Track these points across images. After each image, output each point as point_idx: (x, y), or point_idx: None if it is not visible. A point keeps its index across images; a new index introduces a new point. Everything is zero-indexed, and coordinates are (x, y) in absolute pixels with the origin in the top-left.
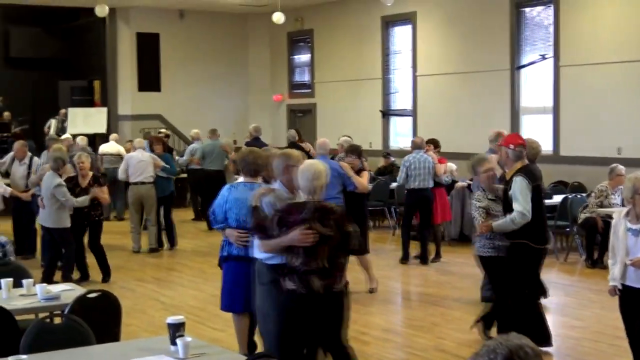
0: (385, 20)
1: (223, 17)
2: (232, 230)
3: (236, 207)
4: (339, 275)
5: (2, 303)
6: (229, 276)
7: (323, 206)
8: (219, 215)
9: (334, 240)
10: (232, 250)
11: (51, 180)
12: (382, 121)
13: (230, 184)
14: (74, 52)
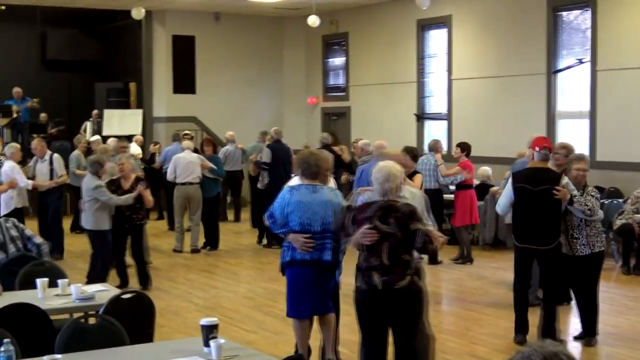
0: (421, 23)
1: (258, 20)
2: (297, 235)
3: (299, 210)
4: (401, 273)
5: (38, 303)
6: (294, 282)
7: (388, 205)
8: (279, 218)
9: (394, 238)
10: (296, 255)
11: (90, 182)
12: (416, 125)
13: (291, 186)
14: (110, 54)
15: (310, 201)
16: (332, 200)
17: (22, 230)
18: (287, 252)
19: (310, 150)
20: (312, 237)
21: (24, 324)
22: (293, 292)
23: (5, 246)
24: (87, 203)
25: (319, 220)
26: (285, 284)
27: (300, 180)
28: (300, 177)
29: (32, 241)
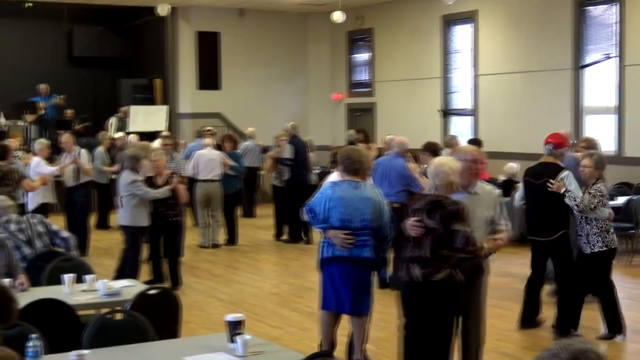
0: (446, 19)
1: (283, 15)
2: (337, 231)
3: (340, 206)
4: (439, 266)
5: (65, 298)
6: (333, 278)
7: (437, 200)
8: (319, 214)
9: (436, 233)
10: (335, 251)
11: (126, 177)
12: (441, 121)
13: (333, 182)
14: (135, 51)
15: (352, 197)
16: (373, 198)
17: (48, 225)
18: (327, 248)
19: (352, 147)
20: (352, 233)
21: (51, 320)
22: (330, 288)
23: (32, 242)
24: (124, 199)
25: (360, 216)
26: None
27: (340, 176)
28: (341, 173)
29: (58, 235)
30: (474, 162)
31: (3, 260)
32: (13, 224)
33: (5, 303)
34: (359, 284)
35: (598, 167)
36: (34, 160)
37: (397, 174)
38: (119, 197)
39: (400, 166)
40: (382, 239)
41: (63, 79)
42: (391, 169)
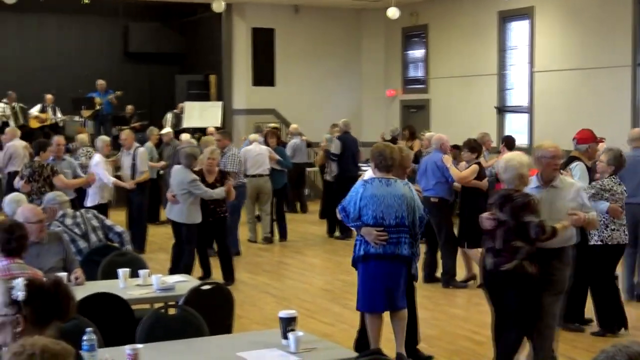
0: (502, 15)
1: (338, 12)
2: (370, 228)
3: (373, 203)
4: (510, 257)
5: (119, 292)
6: (369, 276)
7: (508, 194)
8: (352, 212)
9: (507, 225)
10: (370, 248)
11: (184, 175)
12: (497, 117)
13: (364, 180)
14: (191, 47)
15: (385, 195)
16: (406, 194)
17: (102, 220)
18: (361, 246)
19: (385, 143)
20: (386, 230)
21: (106, 314)
22: (367, 286)
23: (87, 236)
24: (181, 196)
25: (393, 214)
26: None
27: (373, 173)
28: (373, 169)
29: (113, 230)
30: (554, 158)
31: (60, 254)
32: (69, 218)
33: (63, 299)
34: (394, 280)
35: (610, 164)
36: (95, 157)
37: (433, 167)
38: (170, 192)
39: (436, 159)
40: (414, 235)
41: (119, 75)
42: (429, 164)
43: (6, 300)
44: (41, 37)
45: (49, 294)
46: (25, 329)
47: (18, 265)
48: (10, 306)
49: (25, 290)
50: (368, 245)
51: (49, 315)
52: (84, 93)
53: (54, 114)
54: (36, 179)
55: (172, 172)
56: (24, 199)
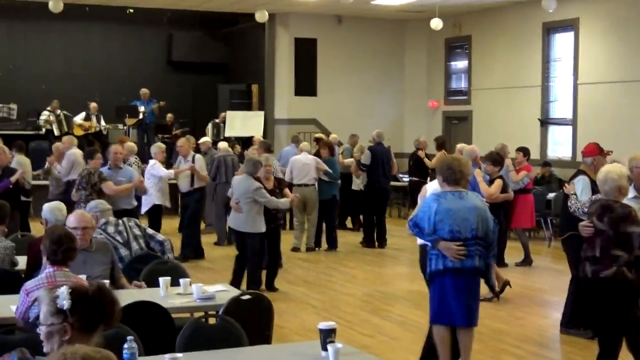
0: (547, 26)
1: (380, 22)
2: (449, 243)
3: (449, 218)
4: (608, 264)
5: (160, 301)
6: (447, 290)
7: (607, 205)
8: (427, 227)
9: (606, 235)
10: (448, 263)
11: (249, 183)
12: (540, 130)
13: (436, 194)
14: (234, 57)
15: (459, 208)
16: (478, 206)
17: (144, 229)
18: (438, 260)
19: (452, 156)
20: (463, 244)
21: (146, 322)
22: (444, 300)
23: (129, 244)
24: (245, 205)
25: (469, 227)
26: (406, 289)
27: (441, 187)
28: (441, 183)
29: (154, 239)
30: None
31: (107, 263)
32: (111, 226)
33: (108, 305)
34: (472, 294)
35: None
36: (150, 162)
37: None
38: (234, 201)
39: None
40: (487, 246)
41: (162, 84)
42: None
43: (52, 310)
44: (86, 46)
45: (93, 301)
46: (73, 337)
47: (63, 273)
48: (56, 315)
49: (70, 299)
50: (446, 260)
51: (95, 321)
52: (127, 101)
53: (98, 122)
54: (84, 186)
55: (235, 180)
56: (63, 207)
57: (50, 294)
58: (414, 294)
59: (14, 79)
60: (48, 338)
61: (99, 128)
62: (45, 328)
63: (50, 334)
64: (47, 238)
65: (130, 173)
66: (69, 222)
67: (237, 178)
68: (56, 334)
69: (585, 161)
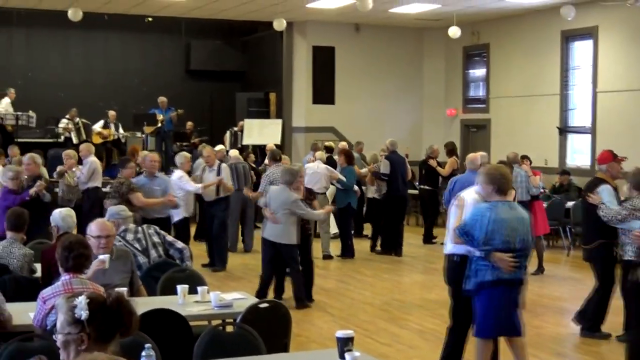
0: (565, 34)
1: (399, 31)
2: (502, 254)
3: (502, 228)
4: None
5: (178, 309)
6: (498, 302)
7: None
8: (478, 236)
9: None
10: (502, 274)
11: (286, 194)
12: (558, 138)
13: (489, 203)
14: (252, 65)
15: (511, 218)
16: (525, 217)
17: (163, 236)
18: (489, 271)
19: (497, 165)
20: (513, 255)
21: (164, 330)
22: (496, 312)
23: (148, 251)
24: (282, 216)
25: (518, 237)
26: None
27: (488, 197)
28: (492, 192)
29: (174, 246)
30: None
31: (127, 272)
32: (130, 234)
33: (126, 315)
34: (517, 304)
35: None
36: (176, 173)
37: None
38: (270, 211)
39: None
40: (527, 257)
41: (180, 92)
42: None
43: (69, 319)
44: (105, 54)
45: (111, 311)
46: (89, 347)
47: (79, 280)
48: (73, 325)
49: (88, 309)
50: (499, 271)
51: (112, 332)
52: (145, 109)
53: (116, 130)
54: (114, 195)
55: (272, 191)
56: (73, 214)
57: (68, 303)
58: (431, 303)
59: (33, 87)
60: (65, 347)
61: (117, 136)
62: (62, 337)
63: (67, 343)
64: (59, 246)
65: (166, 182)
66: (90, 231)
67: (274, 188)
68: (73, 343)
69: (601, 168)
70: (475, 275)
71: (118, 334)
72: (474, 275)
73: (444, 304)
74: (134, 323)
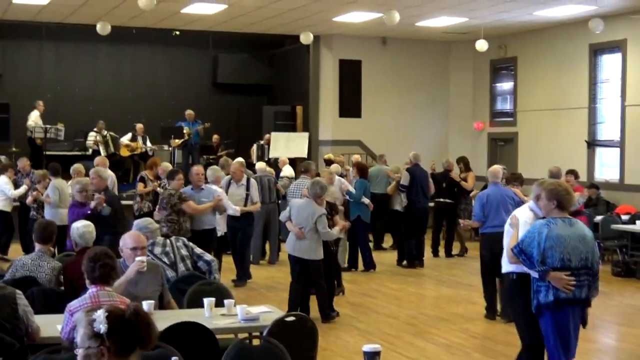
0: (593, 47)
1: (426, 44)
2: (559, 273)
3: (559, 245)
4: None
5: (204, 322)
6: (562, 323)
7: None
8: (535, 255)
9: None
10: (560, 294)
11: (312, 208)
12: (587, 152)
13: (547, 220)
14: (278, 78)
15: (570, 235)
16: (587, 234)
17: (192, 248)
18: (548, 291)
19: (560, 181)
20: (572, 273)
21: (191, 343)
22: (562, 335)
23: (176, 265)
24: (309, 231)
25: (578, 255)
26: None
27: (547, 212)
28: (552, 209)
29: (202, 259)
30: None
31: (158, 286)
32: (158, 247)
33: (144, 328)
34: (578, 326)
35: None
36: (212, 187)
37: (512, 202)
38: (296, 226)
39: (511, 194)
40: (594, 275)
41: (207, 105)
42: (504, 199)
43: (89, 333)
44: (133, 68)
45: (129, 324)
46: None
47: (106, 292)
48: (93, 339)
49: (107, 323)
50: (557, 291)
51: (131, 344)
52: (173, 123)
53: (144, 142)
54: (164, 207)
55: (298, 204)
56: (93, 229)
57: (87, 317)
58: (458, 317)
59: (62, 100)
60: None
61: (145, 149)
62: (83, 351)
63: (87, 357)
64: (85, 258)
65: (213, 193)
66: (125, 244)
67: (298, 202)
68: (93, 357)
69: None
70: (535, 297)
71: (137, 346)
72: (534, 296)
73: (470, 318)
74: (152, 335)
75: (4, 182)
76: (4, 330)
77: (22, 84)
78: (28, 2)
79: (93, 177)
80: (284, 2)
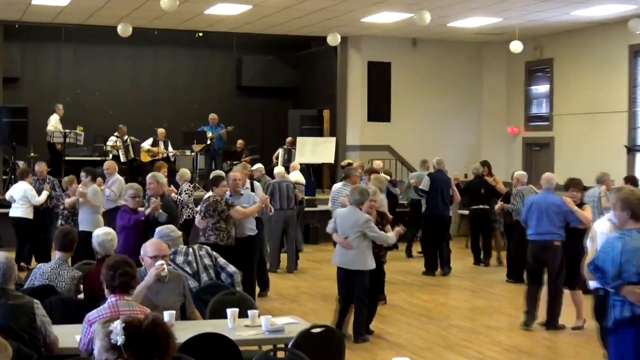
0: (633, 49)
1: (457, 45)
2: (633, 287)
3: (635, 258)
4: None
5: (227, 333)
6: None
7: None
8: (611, 270)
9: None
10: (636, 309)
11: (357, 215)
12: (626, 157)
13: (621, 232)
14: (304, 81)
15: None
16: None
17: (215, 258)
18: (624, 307)
19: (632, 189)
20: None
21: (214, 354)
22: (633, 353)
23: (199, 275)
24: (355, 240)
25: None
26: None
27: (622, 223)
28: (627, 219)
29: (225, 270)
30: None
31: (180, 296)
32: (180, 256)
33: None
34: None
35: None
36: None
37: (557, 210)
38: (341, 236)
39: (558, 202)
40: None
41: (231, 109)
42: (549, 206)
43: (106, 345)
44: (154, 71)
45: (147, 335)
46: None
47: (126, 302)
48: (110, 351)
49: (124, 334)
50: (632, 306)
51: (149, 355)
52: (195, 126)
53: (165, 147)
54: (211, 214)
55: (341, 214)
56: (114, 237)
57: (104, 329)
58: (491, 329)
59: (82, 104)
60: None
61: (166, 154)
62: None
63: None
64: (104, 266)
65: (253, 198)
66: (146, 252)
67: (341, 211)
68: None
69: None
70: (611, 312)
71: (156, 358)
72: (611, 311)
73: (504, 331)
74: (171, 346)
75: (28, 189)
76: (22, 340)
77: (41, 87)
78: (47, 3)
79: (150, 181)
80: (311, 3)
